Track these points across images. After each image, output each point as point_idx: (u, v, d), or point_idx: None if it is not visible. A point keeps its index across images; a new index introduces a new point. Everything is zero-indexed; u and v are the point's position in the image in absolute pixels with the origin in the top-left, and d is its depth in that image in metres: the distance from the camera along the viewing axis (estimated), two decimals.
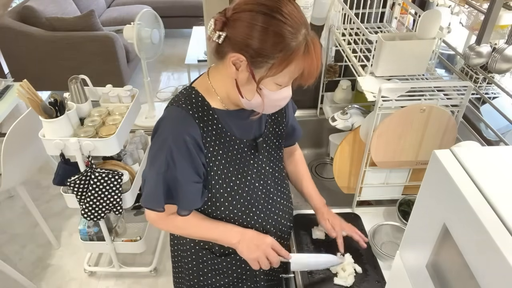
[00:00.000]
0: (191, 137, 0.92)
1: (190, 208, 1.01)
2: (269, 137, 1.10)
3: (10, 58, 3.61)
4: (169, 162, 0.92)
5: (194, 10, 4.76)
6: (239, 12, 0.84)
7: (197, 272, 1.16)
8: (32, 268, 2.31)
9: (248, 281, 1.17)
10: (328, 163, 1.90)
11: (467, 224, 0.53)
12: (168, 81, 4.26)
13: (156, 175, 0.95)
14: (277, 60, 0.84)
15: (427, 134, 1.18)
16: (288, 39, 0.82)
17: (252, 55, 0.84)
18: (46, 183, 2.83)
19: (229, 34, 0.85)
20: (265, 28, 0.81)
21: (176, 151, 0.92)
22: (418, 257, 0.67)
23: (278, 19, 0.81)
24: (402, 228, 1.24)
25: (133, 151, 1.99)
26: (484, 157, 0.60)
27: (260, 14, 0.81)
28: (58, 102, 1.61)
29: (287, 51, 0.83)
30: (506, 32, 1.14)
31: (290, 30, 0.82)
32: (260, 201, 1.09)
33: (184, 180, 0.95)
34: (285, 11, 0.82)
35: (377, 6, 1.59)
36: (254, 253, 1.03)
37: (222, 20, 0.84)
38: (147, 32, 3.05)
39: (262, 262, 1.04)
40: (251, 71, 0.86)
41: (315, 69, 0.88)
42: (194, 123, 0.94)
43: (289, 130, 1.19)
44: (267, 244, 1.04)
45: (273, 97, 0.92)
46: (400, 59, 1.20)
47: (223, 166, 1.00)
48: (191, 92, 0.97)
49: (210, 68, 1.01)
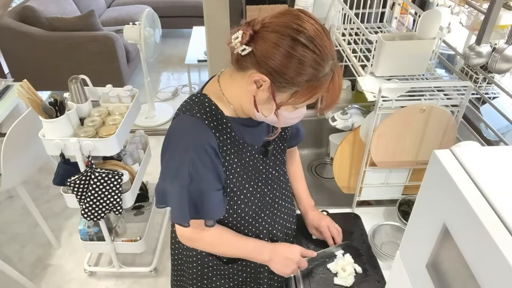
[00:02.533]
0: (210, 146, 0.90)
1: (216, 217, 0.99)
2: (276, 142, 1.10)
3: (10, 58, 3.61)
4: (192, 174, 0.90)
5: (194, 10, 4.76)
6: (268, 29, 0.80)
7: (201, 276, 1.14)
8: (32, 268, 2.31)
9: (252, 282, 1.17)
10: (328, 163, 1.90)
11: (467, 224, 0.53)
12: (168, 81, 4.26)
13: (180, 188, 0.91)
14: (302, 89, 0.83)
15: (427, 134, 1.18)
16: (315, 70, 0.80)
17: (276, 78, 0.81)
18: (46, 183, 2.83)
19: (254, 50, 0.81)
20: (299, 59, 0.79)
21: (199, 162, 0.89)
22: (418, 257, 0.67)
23: (311, 50, 0.79)
24: (402, 228, 1.24)
25: (133, 151, 1.99)
26: (484, 157, 0.60)
27: (295, 42, 0.78)
28: (58, 102, 1.61)
29: (314, 81, 0.82)
30: (506, 32, 1.14)
31: (318, 60, 0.80)
32: (267, 205, 1.09)
33: (208, 190, 0.93)
34: (319, 42, 0.79)
35: (377, 6, 1.59)
36: (290, 267, 1.07)
37: (250, 34, 0.81)
38: (149, 32, 3.06)
39: (294, 271, 1.09)
40: (272, 94, 0.84)
41: (336, 99, 0.87)
42: (211, 132, 0.91)
43: (294, 132, 1.19)
44: (298, 254, 1.07)
45: (289, 116, 0.91)
46: (400, 59, 1.20)
47: (237, 174, 0.99)
48: (203, 100, 0.94)
49: (221, 74, 0.98)
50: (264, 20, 0.83)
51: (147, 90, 3.45)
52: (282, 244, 1.10)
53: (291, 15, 0.81)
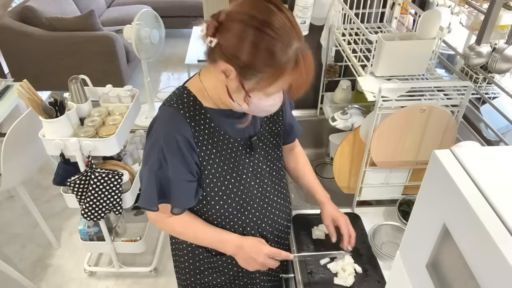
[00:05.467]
0: (183, 136, 0.93)
1: (184, 206, 1.02)
2: (265, 135, 1.10)
3: (10, 58, 3.61)
4: (161, 161, 0.93)
5: (194, 10, 4.75)
6: (231, 21, 0.81)
7: (194, 270, 1.17)
8: (32, 268, 2.31)
9: (244, 277, 1.18)
10: (328, 163, 1.90)
11: (467, 224, 0.53)
12: (168, 81, 4.26)
13: (149, 173, 0.96)
14: (265, 74, 0.83)
15: (427, 134, 1.18)
16: (278, 55, 0.81)
17: (241, 67, 0.83)
18: (46, 183, 2.83)
19: (220, 42, 0.83)
20: (255, 43, 0.80)
21: (168, 150, 0.93)
22: (418, 257, 0.67)
23: (268, 34, 0.79)
24: (402, 228, 1.24)
25: (133, 151, 1.99)
26: (484, 157, 0.60)
27: (251, 27, 0.79)
28: (58, 102, 1.61)
29: (276, 66, 0.82)
30: (506, 32, 1.14)
31: (280, 46, 0.80)
32: (256, 200, 1.09)
33: (176, 179, 0.95)
34: (277, 25, 0.79)
35: (377, 6, 1.60)
36: (252, 266, 1.07)
37: (214, 26, 0.82)
38: (146, 32, 3.05)
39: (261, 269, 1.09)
40: (240, 82, 0.85)
41: (304, 84, 0.87)
42: (185, 122, 0.94)
43: (287, 128, 1.19)
44: (264, 256, 1.05)
45: (263, 104, 0.91)
46: (400, 59, 1.20)
47: (216, 165, 1.00)
48: (183, 92, 0.98)
49: (202, 69, 1.01)
50: (228, 9, 0.84)
51: (147, 90, 3.45)
52: (252, 241, 1.07)
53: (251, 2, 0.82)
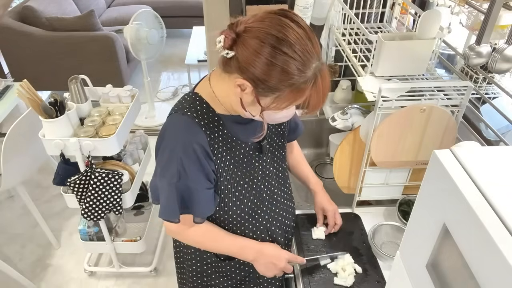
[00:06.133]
0: (199, 145, 0.91)
1: (205, 215, 1.00)
2: (272, 137, 1.10)
3: (10, 58, 3.61)
4: (180, 172, 0.91)
5: (194, 10, 4.75)
6: (250, 37, 0.79)
7: (201, 274, 1.16)
8: (32, 268, 2.31)
9: (251, 283, 1.18)
10: (328, 163, 1.90)
11: (467, 224, 0.53)
12: (168, 81, 4.26)
13: (168, 186, 0.93)
14: (283, 94, 0.83)
15: (427, 134, 1.18)
16: (296, 77, 0.80)
17: (258, 84, 0.81)
18: (46, 183, 2.83)
19: (237, 55, 0.81)
20: (273, 62, 0.78)
21: (187, 161, 0.91)
22: (418, 257, 0.67)
23: (287, 54, 0.77)
24: (402, 228, 1.24)
25: (133, 151, 1.99)
26: (484, 157, 0.60)
27: (270, 46, 0.77)
28: (58, 102, 1.61)
29: (295, 87, 0.81)
30: (506, 32, 1.14)
31: (299, 67, 0.79)
32: (265, 202, 1.09)
33: (196, 188, 0.94)
34: (298, 46, 0.78)
35: (377, 6, 1.59)
36: (271, 271, 1.07)
37: (232, 38, 0.80)
38: (145, 32, 3.05)
39: (277, 275, 1.09)
40: (257, 98, 0.85)
41: (321, 102, 0.87)
42: (201, 130, 0.92)
43: (292, 126, 1.20)
44: (284, 261, 1.07)
45: (277, 116, 0.92)
46: (400, 59, 1.20)
47: (231, 171, 1.00)
48: (194, 98, 0.95)
49: (212, 73, 0.98)
50: (248, 21, 0.82)
51: (147, 90, 3.45)
52: (271, 247, 1.08)
53: (273, 20, 0.80)
